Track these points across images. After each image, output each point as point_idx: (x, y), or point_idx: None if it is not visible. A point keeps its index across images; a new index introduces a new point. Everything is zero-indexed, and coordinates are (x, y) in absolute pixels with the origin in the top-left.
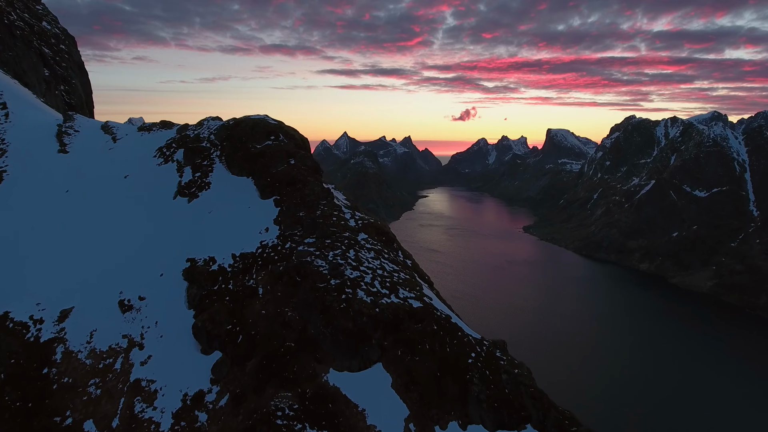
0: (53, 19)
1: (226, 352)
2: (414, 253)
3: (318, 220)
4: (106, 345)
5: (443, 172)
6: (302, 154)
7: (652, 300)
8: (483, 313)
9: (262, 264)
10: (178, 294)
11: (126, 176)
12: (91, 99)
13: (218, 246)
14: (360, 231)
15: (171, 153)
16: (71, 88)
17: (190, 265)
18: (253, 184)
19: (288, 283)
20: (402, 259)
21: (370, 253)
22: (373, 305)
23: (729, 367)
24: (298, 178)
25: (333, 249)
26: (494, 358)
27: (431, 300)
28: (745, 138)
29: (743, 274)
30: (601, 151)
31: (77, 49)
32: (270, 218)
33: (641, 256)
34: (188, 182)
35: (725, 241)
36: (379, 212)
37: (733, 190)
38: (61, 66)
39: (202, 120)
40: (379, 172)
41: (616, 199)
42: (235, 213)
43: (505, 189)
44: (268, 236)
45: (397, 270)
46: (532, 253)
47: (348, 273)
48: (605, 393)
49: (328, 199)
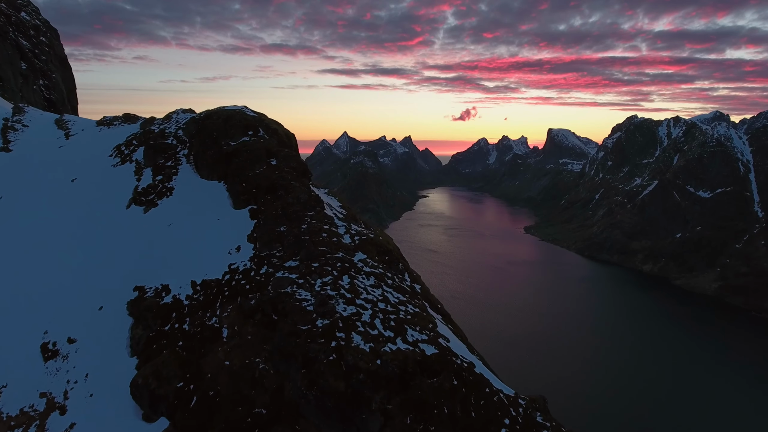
0: (34, 10)
1: (173, 421)
2: (414, 253)
3: (303, 237)
4: (16, 407)
5: (444, 172)
6: (286, 153)
7: (655, 302)
8: (484, 314)
9: (229, 295)
10: (119, 335)
11: (73, 180)
12: (74, 95)
13: (175, 270)
14: (357, 250)
15: (130, 152)
16: (51, 82)
17: (137, 296)
18: (226, 190)
19: (261, 322)
20: (409, 283)
21: (370, 279)
22: (373, 355)
23: (734, 370)
24: (280, 182)
25: (321, 275)
26: (534, 425)
27: (448, 342)
28: (749, 138)
29: (748, 276)
30: (602, 151)
31: (60, 42)
32: (243, 234)
33: (644, 257)
34: (146, 187)
35: (730, 243)
36: (380, 212)
37: (737, 191)
38: (41, 59)
39: (171, 113)
40: (379, 172)
41: (619, 200)
42: (200, 227)
43: (506, 189)
44: (240, 258)
45: (404, 300)
46: (533, 254)
47: (340, 309)
48: (606, 394)
49: (318, 209)
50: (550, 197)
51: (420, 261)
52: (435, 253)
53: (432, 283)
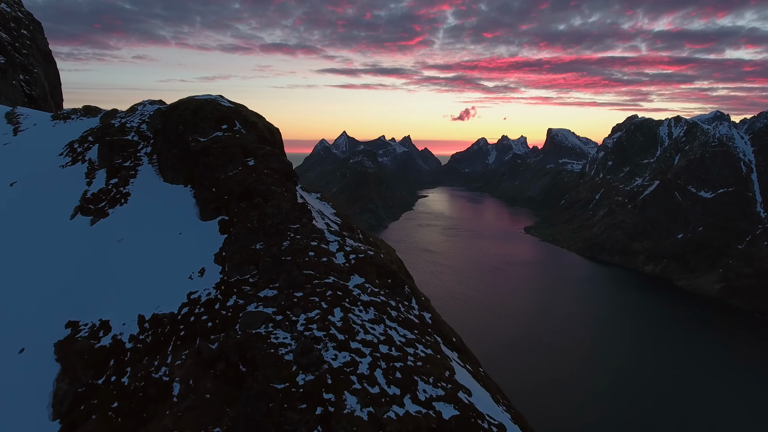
0: (16, 1)
1: None
2: (414, 254)
3: (284, 258)
4: None
5: (443, 171)
6: (267, 151)
7: (657, 303)
8: (485, 315)
9: (185, 337)
10: (41, 388)
11: (12, 183)
12: (59, 91)
13: (120, 300)
14: (353, 271)
15: (84, 150)
16: (33, 78)
17: (68, 335)
18: (192, 197)
19: (225, 376)
20: (417, 312)
21: (369, 312)
22: (373, 425)
23: (736, 372)
24: (258, 187)
25: (306, 309)
26: None
27: (471, 396)
28: (751, 138)
29: (751, 277)
30: (602, 151)
31: (44, 36)
32: (209, 252)
33: (646, 258)
34: (97, 193)
35: (732, 244)
36: (379, 212)
37: (739, 191)
38: (21, 53)
39: (137, 104)
40: (378, 172)
41: (619, 200)
42: (157, 243)
43: (506, 189)
44: (203, 284)
45: (413, 339)
46: (534, 255)
47: (329, 357)
48: (607, 395)
49: (304, 221)
50: (550, 197)
51: (419, 261)
52: (434, 254)
53: (431, 284)
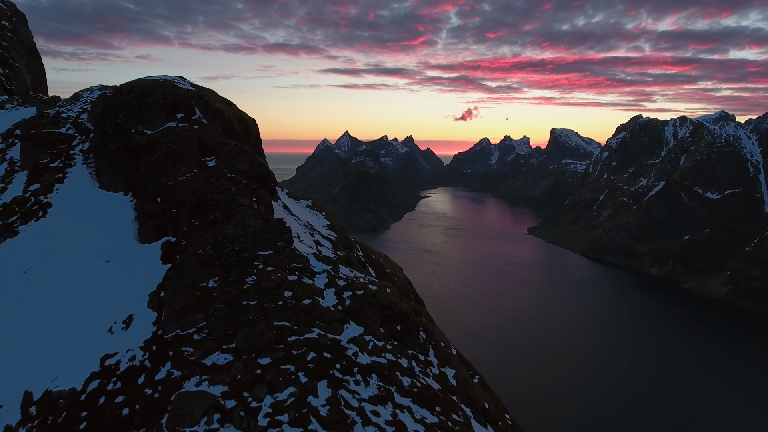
0: None
1: None
2: (414, 254)
3: (246, 302)
4: None
5: (445, 172)
6: (233, 147)
7: (663, 306)
8: (487, 316)
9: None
10: None
11: None
12: (44, 86)
13: (4, 368)
14: (347, 318)
15: (8, 146)
16: (13, 72)
17: None
18: (133, 209)
19: None
20: (437, 369)
21: (370, 385)
22: None
23: (743, 378)
24: (216, 197)
25: (274, 387)
26: None
27: None
28: (758, 138)
29: (759, 279)
30: (606, 152)
31: (28, 28)
32: (143, 291)
33: (651, 259)
34: (9, 203)
35: (739, 245)
36: (381, 213)
37: (746, 192)
38: (2, 45)
39: (84, 90)
40: (380, 172)
41: (624, 201)
42: (74, 276)
43: (508, 189)
44: (126, 342)
45: (434, 424)
46: (537, 256)
47: None
48: (608, 396)
49: (280, 245)
50: (553, 198)
51: (420, 262)
52: (436, 254)
53: (433, 284)
